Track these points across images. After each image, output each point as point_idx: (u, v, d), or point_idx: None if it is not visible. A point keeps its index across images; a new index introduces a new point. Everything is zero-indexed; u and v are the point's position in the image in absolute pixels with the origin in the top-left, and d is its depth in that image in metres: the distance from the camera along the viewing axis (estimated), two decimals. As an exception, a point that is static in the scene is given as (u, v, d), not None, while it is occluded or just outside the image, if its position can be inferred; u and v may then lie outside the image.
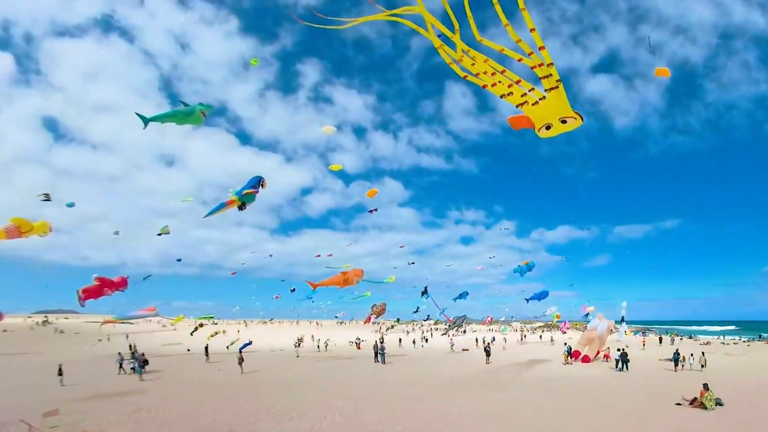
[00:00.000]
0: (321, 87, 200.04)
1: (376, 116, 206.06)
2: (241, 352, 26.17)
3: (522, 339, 58.56)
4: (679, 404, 14.91)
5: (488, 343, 37.31)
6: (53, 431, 10.81)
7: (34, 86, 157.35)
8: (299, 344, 47.17)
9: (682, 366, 25.76)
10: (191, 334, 51.49)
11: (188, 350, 38.90)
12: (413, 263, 60.90)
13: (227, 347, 38.28)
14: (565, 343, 35.61)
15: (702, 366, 25.53)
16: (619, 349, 25.91)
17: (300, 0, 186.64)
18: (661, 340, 50.04)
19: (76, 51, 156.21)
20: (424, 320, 64.13)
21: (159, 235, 25.90)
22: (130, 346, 35.93)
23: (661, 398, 16.17)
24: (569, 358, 27.93)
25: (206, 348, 30.96)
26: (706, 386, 14.77)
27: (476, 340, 49.43)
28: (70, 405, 14.26)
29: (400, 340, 51.36)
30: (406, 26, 7.13)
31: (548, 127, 7.57)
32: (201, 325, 54.98)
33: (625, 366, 24.48)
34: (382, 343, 36.72)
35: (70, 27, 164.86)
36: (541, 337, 63.95)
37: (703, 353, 27.47)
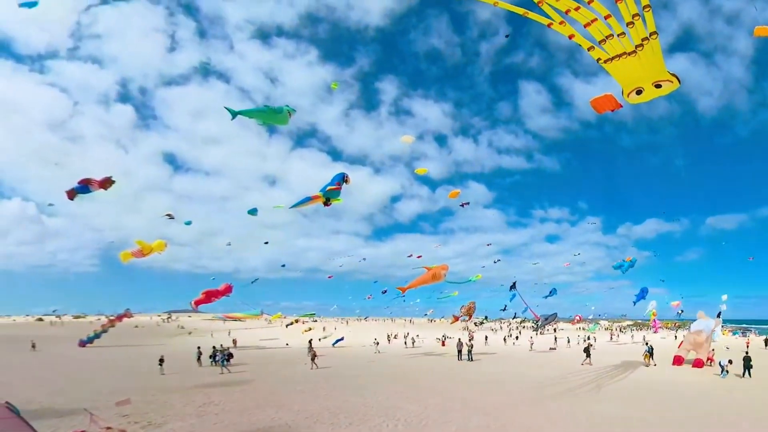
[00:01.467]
0: (400, 101, 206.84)
1: (455, 123, 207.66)
2: (312, 348, 26.02)
3: (612, 338, 54.19)
4: None
5: (589, 343, 33.44)
6: (123, 420, 11.15)
7: (152, 129, 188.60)
8: (391, 340, 47.54)
9: None
10: (286, 326, 55.35)
11: (287, 344, 40.98)
12: (498, 260, 62.14)
13: (319, 339, 39.62)
14: (647, 343, 32.33)
15: None
16: (743, 356, 22.01)
17: (371, 23, 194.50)
18: (766, 342, 40.79)
19: (183, 95, 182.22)
20: (512, 318, 62.31)
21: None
22: (234, 341, 39.01)
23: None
24: (651, 359, 25.82)
25: (310, 342, 31.45)
26: None
27: (555, 339, 46.81)
28: (154, 394, 15.07)
29: (486, 337, 49.82)
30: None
31: (639, 92, 6.63)
32: (296, 321, 58.68)
33: (747, 372, 20.89)
34: (470, 341, 34.51)
35: (176, 76, 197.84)
36: (632, 336, 57.23)
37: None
